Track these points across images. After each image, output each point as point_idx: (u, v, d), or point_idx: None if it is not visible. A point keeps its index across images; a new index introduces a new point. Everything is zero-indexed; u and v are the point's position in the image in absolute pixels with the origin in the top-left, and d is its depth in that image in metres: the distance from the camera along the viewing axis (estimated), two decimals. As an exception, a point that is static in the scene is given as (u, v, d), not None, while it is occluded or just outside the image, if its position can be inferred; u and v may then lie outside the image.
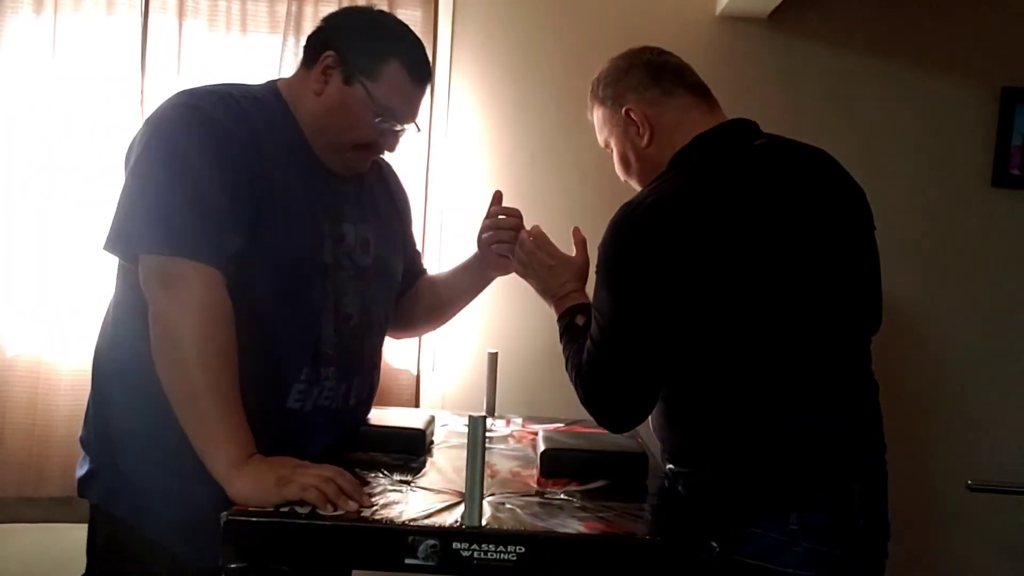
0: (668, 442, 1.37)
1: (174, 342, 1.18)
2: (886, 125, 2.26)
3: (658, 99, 1.39)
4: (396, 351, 2.15)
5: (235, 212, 1.24)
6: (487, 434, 1.34)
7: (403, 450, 1.40)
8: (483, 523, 1.07)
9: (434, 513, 1.11)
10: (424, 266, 1.74)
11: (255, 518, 1.07)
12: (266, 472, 1.13)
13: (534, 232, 1.57)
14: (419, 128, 1.42)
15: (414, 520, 1.07)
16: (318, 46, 1.36)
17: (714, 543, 1.06)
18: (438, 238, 2.18)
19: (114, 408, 1.32)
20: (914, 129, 2.27)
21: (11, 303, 2.08)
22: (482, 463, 1.07)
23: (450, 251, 2.14)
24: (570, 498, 1.22)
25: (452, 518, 1.09)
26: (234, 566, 1.04)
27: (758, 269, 1.25)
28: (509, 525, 1.08)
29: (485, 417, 1.10)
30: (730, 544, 1.20)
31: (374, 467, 1.30)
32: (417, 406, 2.18)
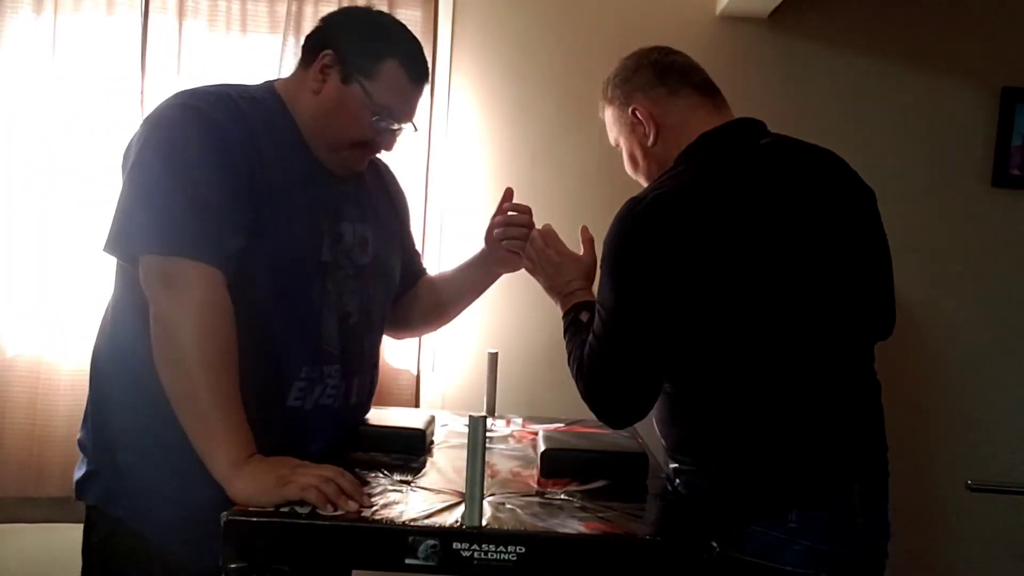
0: (671, 438, 1.37)
1: (175, 342, 1.18)
2: (886, 125, 2.26)
3: (664, 98, 1.40)
4: (396, 351, 2.15)
5: (234, 212, 1.24)
6: (487, 434, 1.34)
7: (403, 450, 1.40)
8: (483, 523, 1.07)
9: (434, 513, 1.11)
10: (424, 266, 1.74)
11: (255, 518, 1.07)
12: (266, 472, 1.13)
13: (544, 229, 1.58)
14: (416, 128, 1.42)
15: (414, 520, 1.07)
16: (316, 45, 1.36)
17: (714, 543, 1.06)
18: (438, 238, 2.18)
19: (113, 409, 1.32)
20: (914, 129, 2.27)
21: (11, 303, 2.08)
22: (482, 463, 1.07)
23: (450, 251, 2.15)
24: (570, 498, 1.22)
25: (452, 518, 1.09)
26: (234, 566, 1.04)
27: (762, 267, 1.25)
28: (509, 525, 1.08)
29: (485, 417, 1.09)
30: (730, 542, 1.21)
31: (374, 467, 1.30)
32: (417, 406, 2.18)
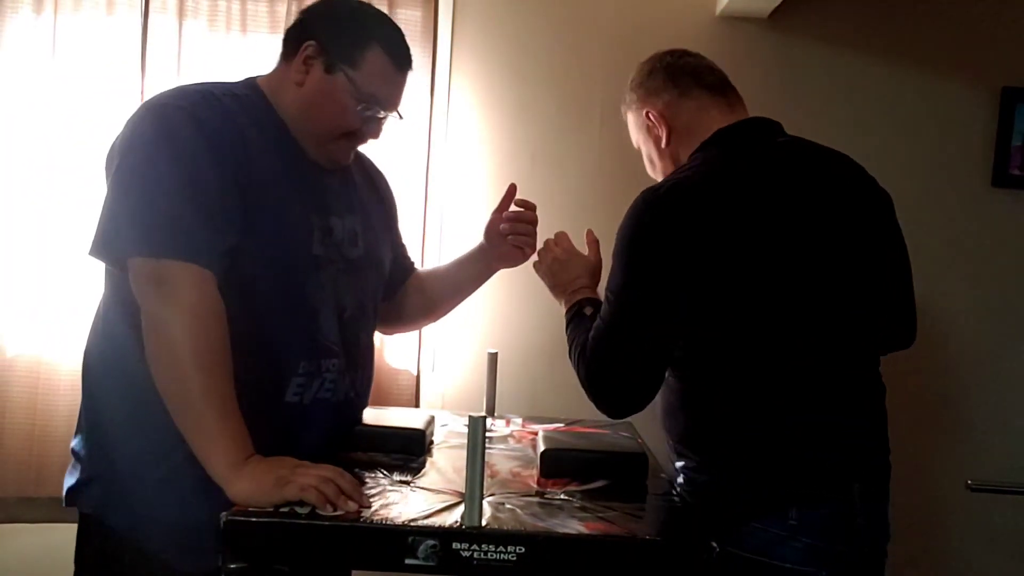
0: (675, 431, 1.37)
1: (167, 346, 1.17)
2: (886, 125, 2.26)
3: (675, 100, 1.44)
4: (396, 351, 2.15)
5: (223, 210, 1.23)
6: (487, 434, 1.34)
7: (403, 450, 1.40)
8: (483, 523, 1.07)
9: (434, 513, 1.11)
10: (413, 261, 1.73)
11: (255, 518, 1.07)
12: (265, 473, 1.13)
13: (557, 234, 1.62)
14: (401, 116, 1.41)
15: (414, 520, 1.07)
16: (298, 37, 1.35)
17: (714, 543, 1.06)
18: (438, 238, 2.18)
19: (107, 415, 1.31)
20: (914, 129, 2.27)
21: (11, 303, 2.08)
22: (482, 463, 1.07)
23: (450, 250, 2.14)
24: (570, 498, 1.22)
25: (452, 518, 1.09)
26: (234, 566, 1.04)
27: (772, 262, 1.25)
28: (509, 525, 1.08)
29: (485, 417, 1.10)
30: (730, 538, 1.21)
31: (374, 467, 1.30)
32: (417, 406, 2.17)
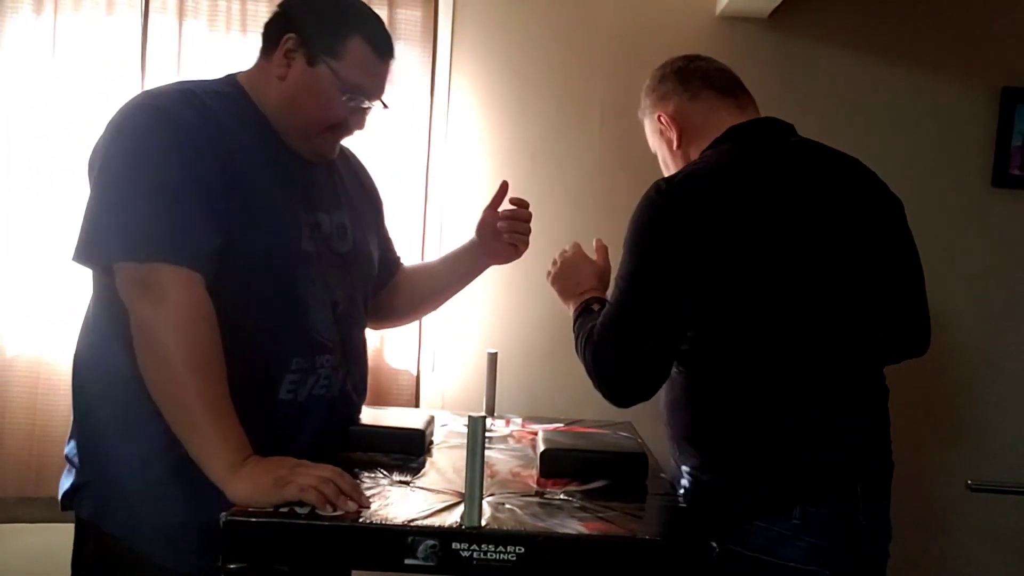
0: (678, 426, 1.37)
1: (159, 350, 1.16)
2: (886, 125, 2.26)
3: (685, 102, 1.46)
4: (396, 351, 2.15)
5: (208, 210, 1.21)
6: (487, 434, 1.34)
7: (403, 450, 1.40)
8: (483, 523, 1.07)
9: (434, 513, 1.10)
10: (399, 256, 1.72)
11: (254, 519, 1.07)
12: (264, 473, 1.12)
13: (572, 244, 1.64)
14: (386, 105, 1.39)
15: (414, 520, 1.07)
16: (277, 31, 1.34)
17: (714, 543, 1.06)
18: (438, 238, 2.18)
19: (98, 419, 1.29)
20: (914, 129, 2.27)
21: (11, 303, 2.08)
22: (482, 463, 1.07)
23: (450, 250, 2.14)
24: (570, 498, 1.22)
25: (452, 518, 1.09)
26: (234, 566, 1.04)
27: (778, 260, 1.26)
28: (509, 525, 1.08)
29: (485, 417, 1.10)
30: (733, 537, 1.21)
31: (374, 467, 1.30)
32: (417, 406, 2.17)
